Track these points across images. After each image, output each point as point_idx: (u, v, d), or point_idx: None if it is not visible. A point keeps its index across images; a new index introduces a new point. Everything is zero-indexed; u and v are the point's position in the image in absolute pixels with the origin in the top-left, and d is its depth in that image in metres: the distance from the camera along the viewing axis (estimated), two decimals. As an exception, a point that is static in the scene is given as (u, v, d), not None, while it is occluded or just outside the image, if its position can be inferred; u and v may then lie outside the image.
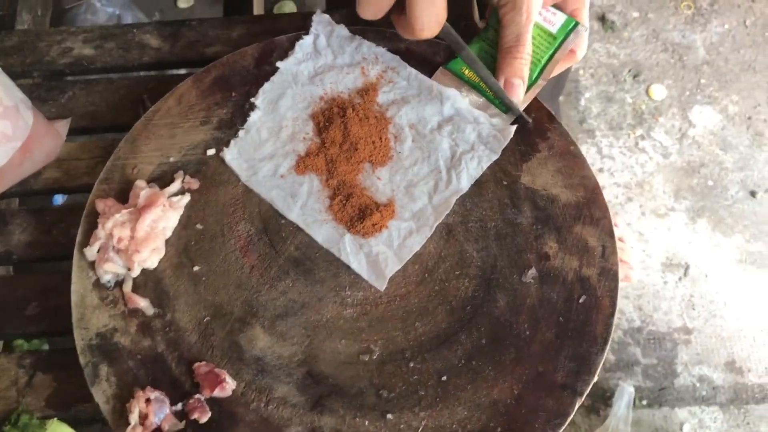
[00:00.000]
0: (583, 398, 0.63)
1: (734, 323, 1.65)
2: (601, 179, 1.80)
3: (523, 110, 0.74)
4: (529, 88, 0.73)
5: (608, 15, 2.00)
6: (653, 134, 1.86)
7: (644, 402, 1.59)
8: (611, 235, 0.69)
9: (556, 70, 0.74)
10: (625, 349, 1.64)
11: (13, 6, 0.92)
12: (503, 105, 0.73)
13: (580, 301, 0.67)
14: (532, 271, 0.68)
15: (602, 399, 1.57)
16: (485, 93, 0.74)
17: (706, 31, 1.98)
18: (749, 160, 1.82)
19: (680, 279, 1.70)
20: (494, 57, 0.73)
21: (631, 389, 1.57)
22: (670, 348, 1.64)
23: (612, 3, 2.02)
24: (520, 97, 0.72)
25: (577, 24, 0.73)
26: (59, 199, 1.55)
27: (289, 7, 2.03)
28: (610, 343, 0.65)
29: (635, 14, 2.01)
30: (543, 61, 0.73)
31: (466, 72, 0.75)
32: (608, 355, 1.25)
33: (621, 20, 2.00)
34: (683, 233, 1.75)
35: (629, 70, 1.93)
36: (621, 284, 0.69)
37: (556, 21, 0.73)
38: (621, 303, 1.66)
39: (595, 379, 0.64)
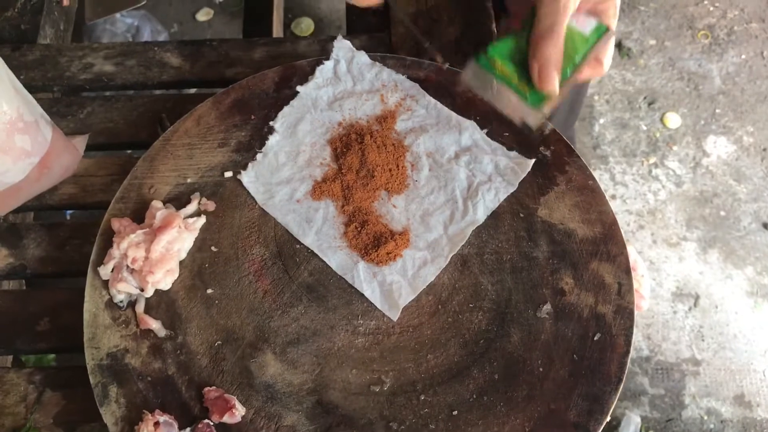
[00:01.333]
0: (595, 438, 0.63)
1: (744, 356, 1.64)
2: (614, 206, 1.78)
3: (542, 137, 0.73)
4: (561, 84, 0.71)
5: (625, 42, 2.00)
6: (667, 162, 1.85)
7: (650, 433, 1.57)
8: (628, 272, 0.69)
9: (583, 76, 0.72)
10: (633, 378, 1.63)
11: (35, 20, 0.92)
12: (535, 98, 0.70)
13: (595, 338, 0.66)
14: (547, 307, 0.67)
15: (608, 428, 1.56)
16: (516, 88, 0.72)
17: (722, 60, 1.98)
18: (763, 191, 1.81)
19: (690, 309, 1.69)
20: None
21: (638, 419, 1.56)
22: (678, 379, 1.63)
23: (629, 30, 2.02)
24: (554, 86, 0.69)
25: (607, 29, 0.71)
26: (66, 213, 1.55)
27: (306, 24, 2.04)
28: (624, 382, 0.64)
29: (652, 42, 2.01)
30: (576, 60, 0.71)
31: (498, 65, 0.73)
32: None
33: (637, 47, 2.00)
34: (694, 263, 1.74)
35: (644, 98, 1.93)
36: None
37: (588, 25, 0.71)
38: (630, 332, 1.65)
39: (608, 418, 0.64)
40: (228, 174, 0.74)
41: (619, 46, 2.00)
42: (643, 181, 1.83)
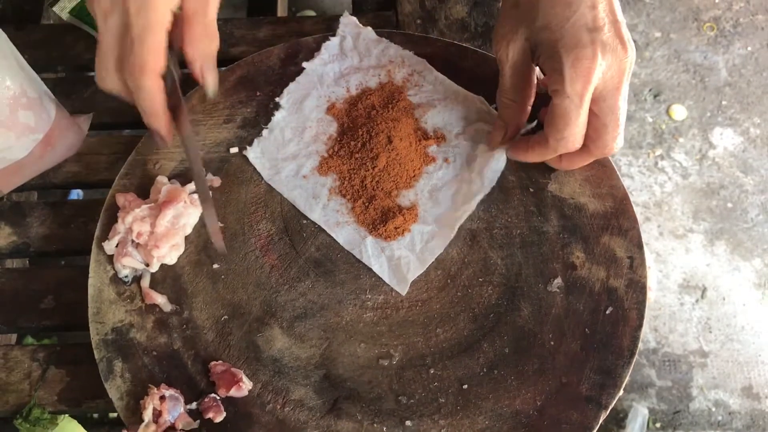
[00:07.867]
0: (608, 412, 0.62)
1: (752, 348, 1.62)
2: (619, 198, 1.77)
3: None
4: None
5: (630, 34, 1.99)
6: (673, 154, 1.84)
7: (658, 425, 1.56)
8: (640, 246, 0.68)
9: None
10: (640, 370, 1.61)
11: (39, 0, 0.92)
12: None
13: (607, 312, 0.65)
14: (558, 281, 0.66)
15: (615, 420, 1.54)
16: None
17: (728, 52, 1.97)
18: (770, 183, 1.80)
19: (697, 301, 1.68)
20: None
21: (645, 411, 1.54)
22: (685, 371, 1.62)
23: (634, 22, 2.01)
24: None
25: None
26: (75, 195, 1.53)
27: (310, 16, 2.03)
28: (636, 356, 0.63)
29: (657, 34, 2.00)
30: None
31: None
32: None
33: (643, 40, 1.99)
34: (701, 255, 1.72)
35: (650, 90, 1.92)
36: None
37: None
38: (637, 323, 1.63)
39: (621, 392, 0.63)
40: (233, 150, 0.74)
41: (624, 38, 1.99)
42: (649, 173, 1.82)
